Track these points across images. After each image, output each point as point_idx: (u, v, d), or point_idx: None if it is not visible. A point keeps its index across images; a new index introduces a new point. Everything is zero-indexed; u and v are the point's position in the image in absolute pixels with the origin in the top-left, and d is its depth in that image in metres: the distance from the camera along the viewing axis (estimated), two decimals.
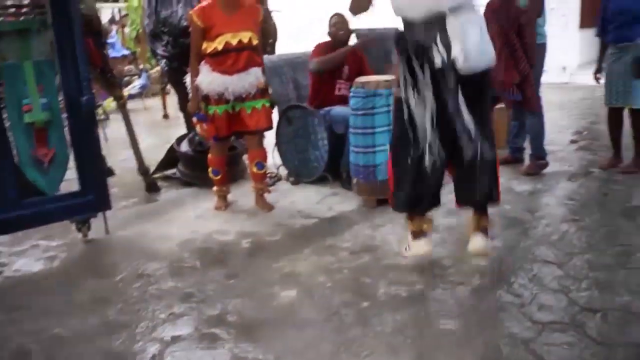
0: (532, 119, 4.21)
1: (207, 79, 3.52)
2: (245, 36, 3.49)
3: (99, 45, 4.24)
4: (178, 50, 4.41)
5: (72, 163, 3.31)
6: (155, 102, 10.27)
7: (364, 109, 3.47)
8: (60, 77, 3.20)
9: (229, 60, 3.48)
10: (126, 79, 10.99)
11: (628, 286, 2.50)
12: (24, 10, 3.13)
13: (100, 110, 7.69)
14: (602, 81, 4.28)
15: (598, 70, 4.33)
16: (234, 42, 3.46)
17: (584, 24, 9.95)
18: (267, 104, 3.69)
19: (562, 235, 3.09)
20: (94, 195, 3.36)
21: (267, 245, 3.24)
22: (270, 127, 3.80)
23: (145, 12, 4.75)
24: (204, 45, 3.50)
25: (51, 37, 3.16)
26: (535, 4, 3.98)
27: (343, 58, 4.21)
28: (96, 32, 4.18)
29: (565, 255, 2.84)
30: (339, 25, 4.25)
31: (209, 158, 3.84)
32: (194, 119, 3.69)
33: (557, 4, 8.96)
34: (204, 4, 3.53)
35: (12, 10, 3.12)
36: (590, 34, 10.54)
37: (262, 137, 3.83)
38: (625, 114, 4.18)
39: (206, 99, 3.56)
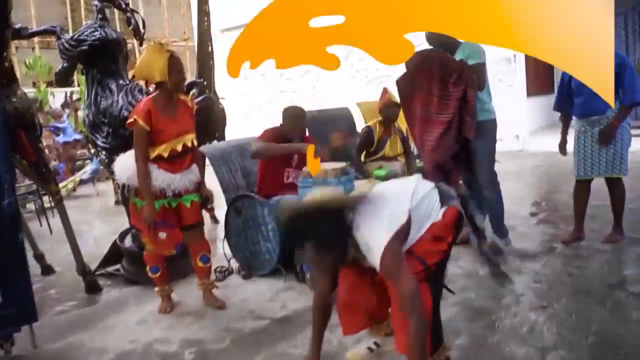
0: (488, 194, 4.07)
1: (152, 175, 3.35)
2: (188, 139, 3.44)
3: (32, 139, 3.99)
4: (119, 141, 4.18)
5: None
6: (107, 186, 9.96)
7: None
8: None
9: (174, 164, 3.40)
10: (78, 163, 10.71)
11: None
12: None
13: (46, 198, 7.37)
14: (570, 151, 4.25)
15: (563, 143, 4.29)
16: (179, 147, 3.39)
17: (530, 92, 10.31)
18: (197, 199, 3.54)
19: (531, 326, 2.88)
20: (17, 308, 3.01)
21: (213, 355, 2.91)
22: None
23: (85, 102, 4.56)
24: None
25: None
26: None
27: (293, 152, 3.98)
28: (30, 126, 3.95)
29: (537, 351, 2.62)
30: (297, 123, 4.03)
31: (145, 255, 3.59)
32: (149, 227, 3.34)
33: (504, 75, 9.25)
34: (144, 105, 3.34)
35: None
36: (537, 101, 10.95)
37: (202, 228, 3.63)
38: (594, 185, 4.12)
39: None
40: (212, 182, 3.98)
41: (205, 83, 4.83)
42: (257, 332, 3.14)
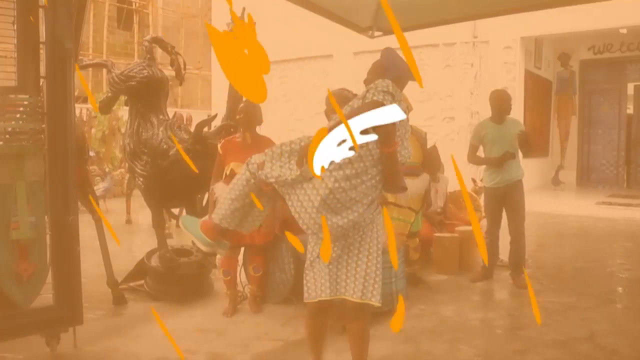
0: (520, 239, 5.19)
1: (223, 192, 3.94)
2: None
3: (81, 162, 4.47)
4: (156, 169, 4.67)
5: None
6: (116, 204, 10.39)
7: None
8: (49, 197, 3.39)
9: None
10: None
11: None
12: (22, 136, 3.36)
13: None
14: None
15: None
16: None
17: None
18: None
19: None
20: (68, 310, 3.45)
21: None
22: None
23: (126, 132, 5.04)
24: None
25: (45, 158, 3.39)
26: None
27: None
28: (80, 150, 4.43)
29: None
30: None
31: (221, 260, 4.33)
32: None
33: None
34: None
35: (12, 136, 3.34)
36: (532, 162, 11.46)
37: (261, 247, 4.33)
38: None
39: None
40: None
41: (233, 124, 5.32)
42: (274, 351, 3.59)
